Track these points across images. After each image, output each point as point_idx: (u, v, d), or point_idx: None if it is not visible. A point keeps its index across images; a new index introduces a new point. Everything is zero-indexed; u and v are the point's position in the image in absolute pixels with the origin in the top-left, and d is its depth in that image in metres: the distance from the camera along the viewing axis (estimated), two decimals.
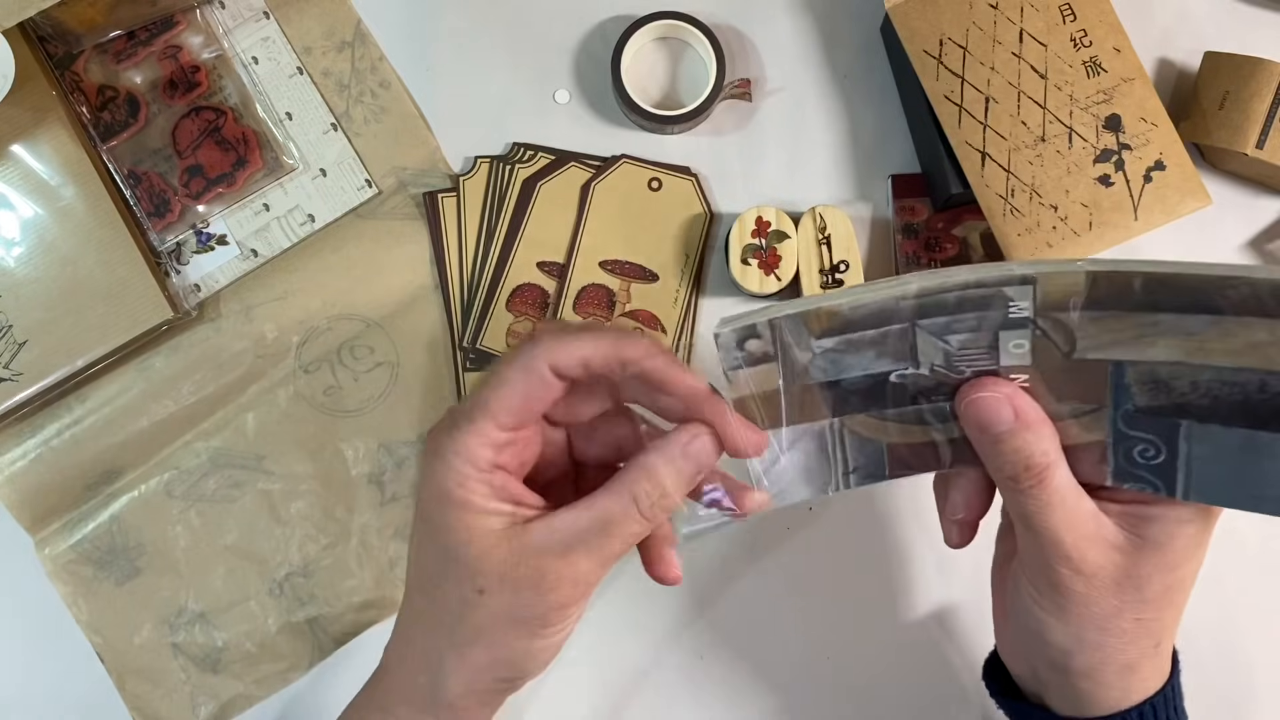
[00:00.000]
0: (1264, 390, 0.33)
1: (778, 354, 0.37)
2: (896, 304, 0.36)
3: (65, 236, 0.54)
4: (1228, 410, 0.34)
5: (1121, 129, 0.51)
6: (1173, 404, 0.35)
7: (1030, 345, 0.36)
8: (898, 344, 0.36)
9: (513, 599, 0.37)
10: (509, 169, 0.57)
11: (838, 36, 0.58)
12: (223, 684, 0.55)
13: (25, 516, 0.55)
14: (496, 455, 0.38)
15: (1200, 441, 0.35)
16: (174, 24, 0.58)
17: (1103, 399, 0.36)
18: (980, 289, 0.35)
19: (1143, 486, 0.36)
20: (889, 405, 0.38)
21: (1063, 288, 0.34)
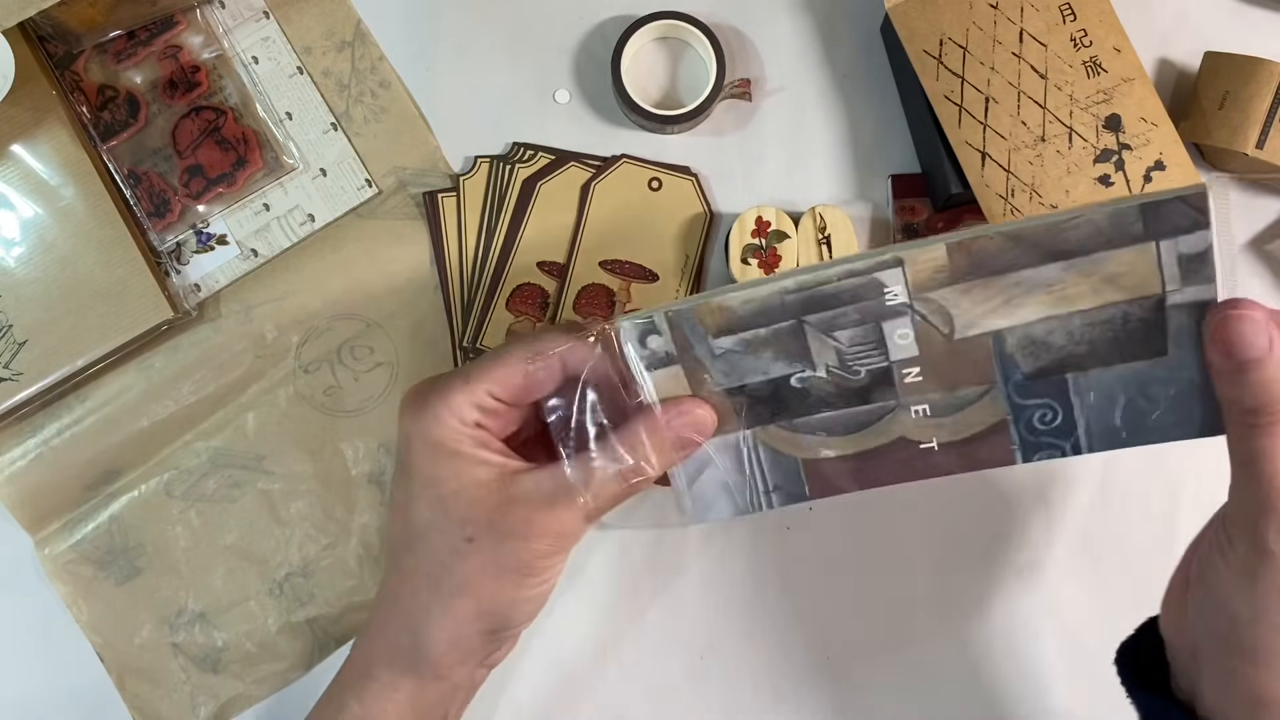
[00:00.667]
0: (1128, 321, 0.34)
1: (680, 355, 0.38)
2: (781, 299, 0.37)
3: (65, 236, 0.54)
4: (1104, 351, 0.35)
5: (1121, 129, 0.51)
6: (1055, 361, 0.36)
7: (914, 333, 0.36)
8: (791, 343, 0.37)
9: (499, 547, 0.38)
10: (509, 169, 0.57)
11: (838, 36, 0.58)
12: (223, 684, 0.55)
13: (25, 516, 0.55)
14: (483, 417, 0.40)
15: (1088, 390, 0.36)
16: (174, 24, 0.58)
17: (991, 376, 0.36)
18: (854, 278, 0.36)
19: (1050, 454, 0.37)
20: (795, 414, 0.39)
21: (928, 265, 0.35)
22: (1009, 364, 0.36)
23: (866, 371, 0.37)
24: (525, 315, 0.57)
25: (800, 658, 0.55)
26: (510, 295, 0.57)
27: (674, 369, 0.39)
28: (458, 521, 0.39)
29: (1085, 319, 0.35)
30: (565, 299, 0.57)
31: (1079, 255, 0.34)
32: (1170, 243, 0.33)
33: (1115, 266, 0.34)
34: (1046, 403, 0.36)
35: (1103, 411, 0.36)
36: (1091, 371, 0.35)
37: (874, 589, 0.55)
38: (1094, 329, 0.35)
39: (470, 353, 0.57)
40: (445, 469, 0.39)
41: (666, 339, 0.38)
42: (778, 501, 0.41)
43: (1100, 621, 0.55)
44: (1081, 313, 0.35)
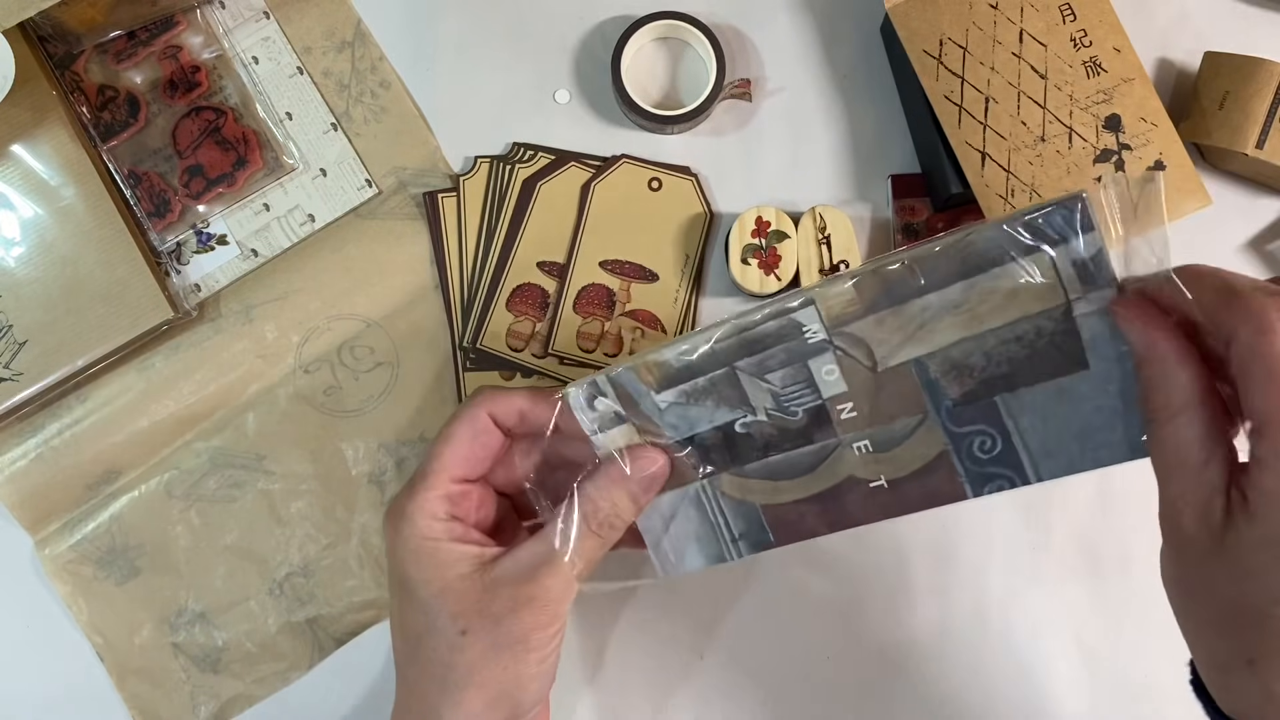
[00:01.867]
0: (1041, 335, 0.34)
1: (628, 413, 0.39)
2: (712, 349, 0.37)
3: (65, 236, 0.54)
4: (1023, 369, 0.34)
5: (1121, 129, 0.51)
6: (980, 383, 0.35)
7: (839, 369, 0.36)
8: (728, 390, 0.38)
9: (494, 630, 0.39)
10: (509, 169, 0.57)
11: (838, 36, 0.58)
12: (223, 684, 0.55)
13: (25, 516, 0.55)
14: (453, 508, 0.42)
15: (1020, 412, 0.35)
16: (174, 24, 0.58)
17: (923, 405, 0.36)
18: (774, 320, 0.36)
19: (999, 484, 0.36)
20: (745, 460, 0.39)
21: (839, 300, 0.35)
22: (937, 391, 0.35)
23: (803, 411, 0.37)
24: (525, 315, 0.57)
25: (801, 658, 0.55)
26: (510, 295, 0.57)
27: (625, 427, 0.40)
28: (449, 617, 0.40)
29: (999, 337, 0.34)
30: (565, 299, 0.57)
31: (976, 273, 0.33)
32: (1062, 249, 0.33)
33: (1013, 280, 0.33)
34: (982, 429, 0.35)
35: (1041, 434, 0.35)
36: (1020, 392, 0.34)
37: (874, 589, 0.55)
38: (1010, 346, 0.34)
39: (470, 353, 0.57)
40: (428, 570, 0.40)
41: (612, 399, 0.40)
42: (745, 550, 0.41)
43: (1100, 622, 0.55)
44: (994, 331, 0.34)
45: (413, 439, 0.56)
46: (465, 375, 0.57)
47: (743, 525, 0.40)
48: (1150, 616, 0.55)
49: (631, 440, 0.41)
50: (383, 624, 0.55)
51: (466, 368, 0.57)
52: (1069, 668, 0.54)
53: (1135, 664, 0.54)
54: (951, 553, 0.55)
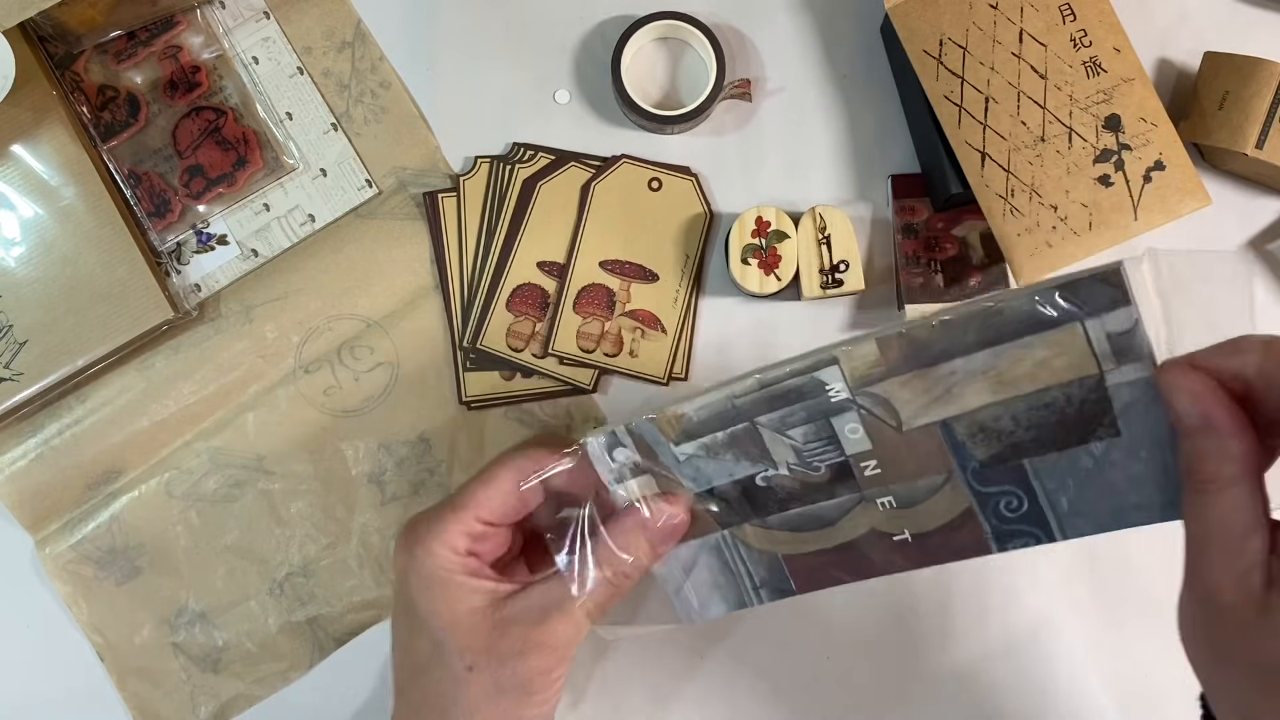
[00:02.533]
0: (1071, 403, 0.34)
1: (648, 464, 0.39)
2: (732, 403, 0.37)
3: (65, 236, 0.54)
4: (1052, 434, 0.34)
5: (1121, 129, 0.51)
6: (1008, 447, 0.35)
7: (863, 428, 0.36)
8: (749, 445, 0.38)
9: (499, 671, 0.39)
10: (509, 169, 0.57)
11: (838, 36, 0.58)
12: (223, 683, 0.55)
13: (25, 516, 0.55)
14: (473, 544, 0.42)
15: (1048, 475, 0.35)
16: (174, 24, 0.58)
17: (948, 464, 0.36)
18: (796, 378, 0.36)
19: (1025, 541, 0.36)
20: (766, 511, 0.39)
21: (863, 361, 0.35)
22: (963, 452, 0.35)
23: (826, 467, 0.37)
24: (525, 315, 0.57)
25: (801, 658, 0.55)
26: (510, 295, 0.57)
27: (645, 478, 0.40)
28: (457, 651, 0.40)
29: (1028, 404, 0.34)
30: (565, 299, 0.57)
31: (1007, 341, 0.33)
32: (1096, 322, 0.32)
33: (1045, 350, 0.33)
34: (1009, 490, 0.35)
35: (1069, 497, 0.35)
36: (1048, 456, 0.34)
37: (873, 590, 0.55)
38: (1039, 413, 0.34)
39: (470, 353, 0.57)
40: (440, 602, 0.40)
41: (631, 450, 0.40)
42: (766, 597, 0.41)
43: (1100, 622, 0.55)
44: (1024, 397, 0.34)
45: (412, 439, 0.56)
46: (465, 375, 0.57)
47: (764, 573, 0.40)
48: (1151, 616, 0.55)
49: (650, 491, 0.41)
50: (383, 624, 0.55)
51: (466, 368, 0.57)
52: (1068, 668, 0.54)
53: (1135, 664, 0.54)
54: None
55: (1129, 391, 0.33)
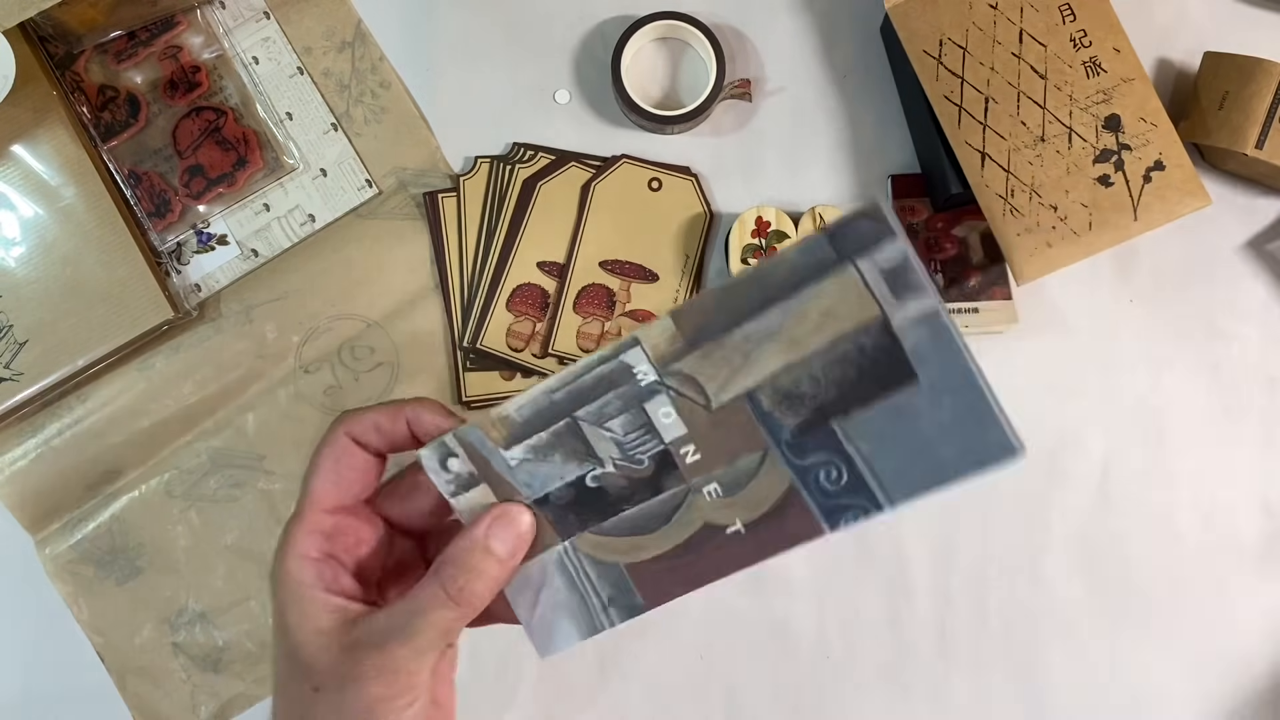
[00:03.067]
0: (863, 353, 0.33)
1: (482, 473, 0.38)
2: (549, 399, 0.36)
3: (66, 236, 0.54)
4: (854, 390, 0.33)
5: (1121, 129, 0.51)
6: (814, 411, 0.34)
7: (675, 410, 0.35)
8: (573, 442, 0.37)
9: (340, 696, 0.37)
10: (509, 169, 0.57)
11: (838, 36, 0.58)
12: (223, 683, 0.55)
13: (25, 516, 0.55)
14: (327, 544, 0.39)
15: (860, 437, 0.34)
16: (174, 24, 0.58)
17: (762, 440, 0.35)
18: (604, 364, 0.35)
19: (855, 515, 0.35)
20: (601, 515, 0.38)
21: (662, 337, 0.35)
22: (772, 423, 0.34)
23: (649, 459, 0.36)
24: (525, 315, 0.57)
25: (801, 658, 0.55)
26: (510, 295, 0.57)
27: (481, 488, 0.39)
28: (304, 671, 0.38)
29: (823, 360, 0.33)
30: (565, 299, 0.57)
31: (788, 296, 0.33)
32: (867, 261, 0.32)
33: (826, 299, 0.32)
34: (826, 459, 0.34)
35: (884, 457, 0.34)
36: (854, 415, 0.33)
37: (873, 588, 0.55)
38: (835, 368, 0.33)
39: (470, 353, 0.57)
40: (294, 616, 0.38)
41: (464, 459, 0.38)
42: (616, 617, 0.39)
43: (1100, 621, 0.55)
44: (817, 354, 0.33)
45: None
46: (465, 375, 0.57)
47: (610, 590, 0.39)
48: (1151, 617, 0.55)
49: (489, 500, 0.39)
50: None
51: (466, 368, 0.57)
52: (1067, 668, 0.54)
53: (1135, 665, 0.54)
54: (948, 551, 0.55)
55: (916, 331, 0.32)
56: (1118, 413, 0.56)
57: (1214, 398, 0.56)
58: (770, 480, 0.35)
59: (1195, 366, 0.56)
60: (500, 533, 0.38)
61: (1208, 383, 0.56)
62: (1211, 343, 0.56)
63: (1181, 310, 0.57)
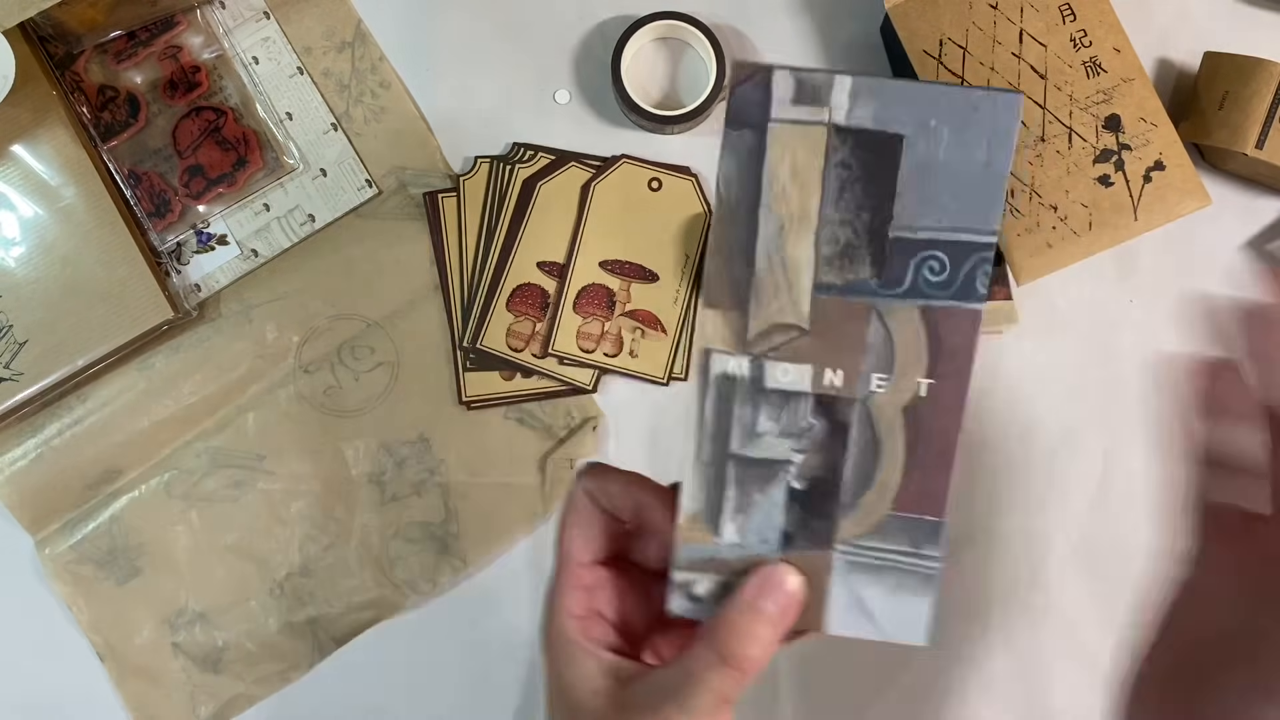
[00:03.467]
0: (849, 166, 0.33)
1: (725, 570, 0.36)
2: (704, 465, 0.36)
3: (65, 236, 0.54)
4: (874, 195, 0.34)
5: (1121, 129, 0.51)
6: (870, 243, 0.34)
7: (784, 362, 0.35)
8: (753, 473, 0.36)
9: None
10: (509, 169, 0.57)
11: (838, 36, 0.58)
12: (223, 684, 0.55)
13: (25, 516, 0.55)
14: (589, 599, 0.38)
15: (915, 219, 0.34)
16: (174, 24, 0.58)
17: (861, 306, 0.34)
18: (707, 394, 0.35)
19: (977, 268, 0.34)
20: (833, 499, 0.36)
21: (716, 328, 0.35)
22: (857, 286, 0.34)
23: (811, 419, 0.35)
24: (525, 315, 0.57)
25: (800, 656, 0.55)
26: (510, 295, 0.57)
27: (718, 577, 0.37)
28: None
29: (831, 204, 0.33)
30: (565, 299, 0.57)
31: (756, 192, 0.33)
32: (775, 106, 0.32)
33: (784, 162, 0.33)
34: (918, 262, 0.34)
35: (946, 209, 0.33)
36: (894, 211, 0.33)
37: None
38: (845, 199, 0.33)
39: (470, 353, 0.57)
40: (568, 675, 0.37)
41: (703, 578, 0.36)
42: (934, 552, 0.37)
43: (1100, 621, 0.55)
44: (824, 205, 0.33)
45: (413, 439, 0.56)
46: (465, 375, 0.57)
47: (904, 540, 0.36)
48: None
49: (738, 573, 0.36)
50: (383, 624, 0.55)
51: (466, 368, 0.57)
52: (1066, 667, 0.54)
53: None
54: (951, 551, 0.55)
55: (859, 107, 0.32)
56: (1118, 413, 0.56)
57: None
58: (903, 325, 0.34)
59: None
60: (770, 593, 0.36)
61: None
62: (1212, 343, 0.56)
63: (1182, 310, 0.57)
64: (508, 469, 0.56)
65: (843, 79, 0.32)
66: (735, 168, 0.33)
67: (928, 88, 0.32)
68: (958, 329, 0.34)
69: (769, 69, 0.32)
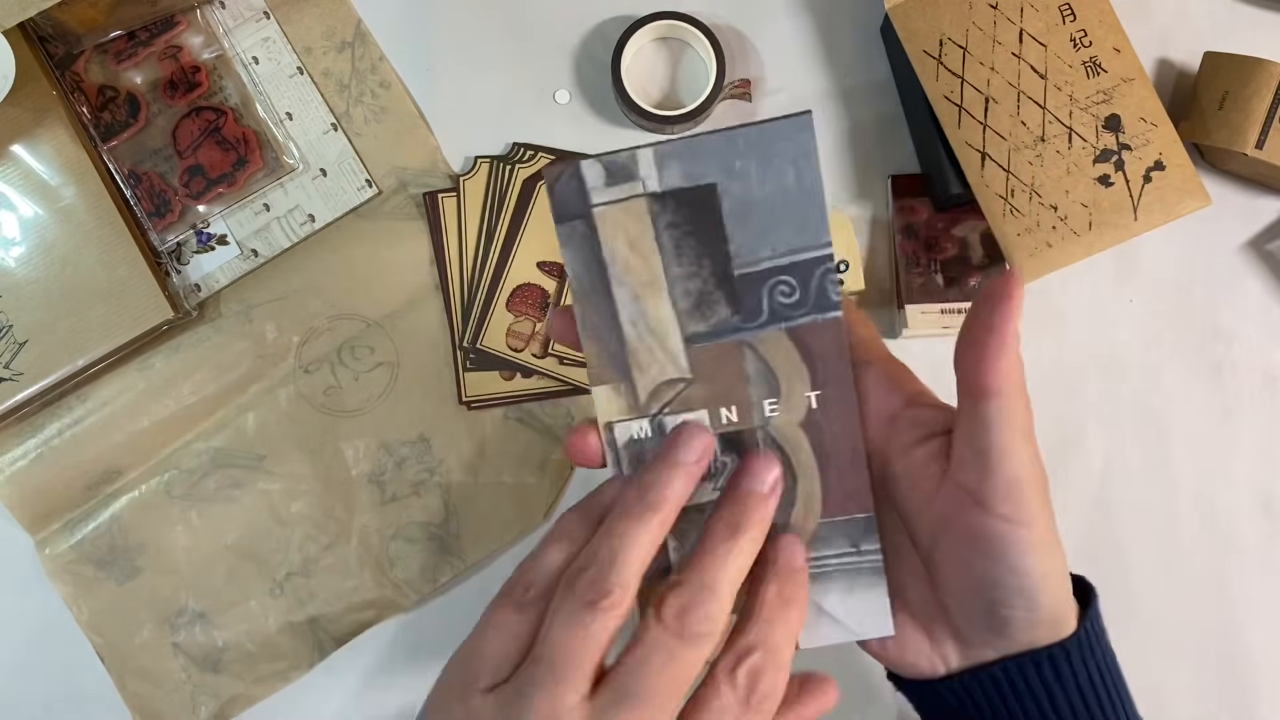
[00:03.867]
0: (676, 225, 0.35)
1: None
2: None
3: (65, 236, 0.54)
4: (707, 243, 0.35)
5: (1121, 129, 0.51)
6: (718, 288, 0.36)
7: (674, 412, 0.36)
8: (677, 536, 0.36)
9: None
10: (509, 169, 0.57)
11: (838, 36, 0.58)
12: (223, 684, 0.55)
13: (25, 516, 0.55)
14: None
15: (751, 253, 0.35)
16: (174, 24, 0.58)
17: (731, 346, 0.36)
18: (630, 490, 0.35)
19: (826, 277, 0.35)
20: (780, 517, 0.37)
21: (608, 405, 0.36)
22: (719, 329, 0.36)
23: (721, 460, 0.36)
24: (525, 315, 0.57)
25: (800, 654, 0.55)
26: (510, 295, 0.57)
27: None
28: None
29: (672, 261, 0.35)
30: (565, 299, 0.57)
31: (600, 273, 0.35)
32: (594, 195, 0.35)
33: (618, 239, 0.35)
34: (768, 288, 0.35)
35: (778, 233, 0.35)
36: (730, 250, 0.35)
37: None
38: (683, 253, 0.35)
39: (470, 353, 0.57)
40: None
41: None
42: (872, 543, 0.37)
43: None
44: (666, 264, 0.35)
45: (413, 439, 0.56)
46: (465, 375, 0.57)
47: (845, 542, 0.37)
48: (1150, 617, 0.55)
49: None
50: (383, 624, 0.55)
51: (466, 368, 0.57)
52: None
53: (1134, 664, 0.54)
54: None
55: (667, 169, 0.34)
56: (1118, 413, 0.56)
57: (1214, 398, 0.56)
58: (774, 350, 0.36)
59: (1195, 366, 0.56)
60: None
61: (1208, 383, 0.56)
62: (1211, 343, 0.56)
63: (1182, 310, 0.57)
64: (508, 469, 0.56)
65: (644, 152, 0.34)
66: (577, 257, 0.35)
67: (723, 135, 0.34)
68: (825, 338, 0.36)
69: (576, 164, 0.34)
